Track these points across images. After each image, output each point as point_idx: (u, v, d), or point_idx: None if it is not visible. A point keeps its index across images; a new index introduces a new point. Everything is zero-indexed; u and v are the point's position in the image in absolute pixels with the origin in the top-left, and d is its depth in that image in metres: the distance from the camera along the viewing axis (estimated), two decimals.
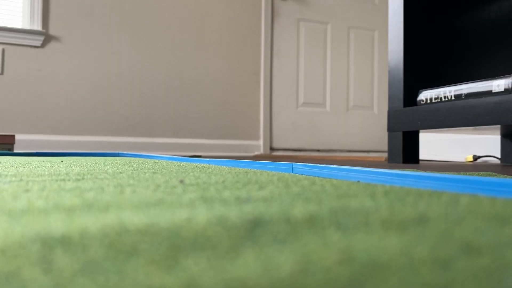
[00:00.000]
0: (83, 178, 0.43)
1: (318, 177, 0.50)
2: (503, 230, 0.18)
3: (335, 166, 0.50)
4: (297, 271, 0.12)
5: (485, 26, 1.38)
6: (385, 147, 2.80)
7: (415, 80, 1.27)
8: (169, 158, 1.03)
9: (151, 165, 0.74)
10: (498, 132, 1.32)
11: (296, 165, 0.57)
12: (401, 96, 1.26)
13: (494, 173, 0.61)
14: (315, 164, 0.53)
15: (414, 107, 1.19)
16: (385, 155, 2.72)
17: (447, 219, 0.21)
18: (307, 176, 0.51)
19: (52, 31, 2.11)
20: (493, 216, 0.21)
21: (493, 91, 1.00)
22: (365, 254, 0.14)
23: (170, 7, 2.33)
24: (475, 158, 1.59)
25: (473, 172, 0.64)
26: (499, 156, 1.62)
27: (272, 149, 2.53)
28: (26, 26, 2.08)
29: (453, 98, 1.10)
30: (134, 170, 0.57)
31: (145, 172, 0.53)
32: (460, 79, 1.33)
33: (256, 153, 2.50)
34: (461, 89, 1.08)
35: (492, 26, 1.38)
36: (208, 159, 0.83)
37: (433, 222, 0.20)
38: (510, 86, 0.96)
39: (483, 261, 0.13)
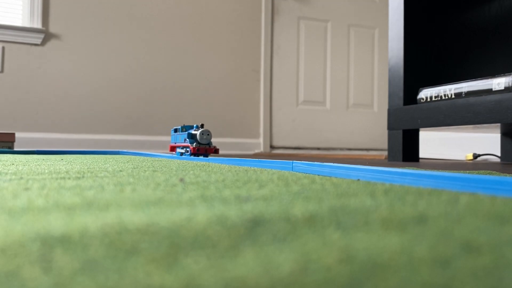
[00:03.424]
0: (83, 176, 0.43)
1: (318, 175, 0.50)
2: (503, 229, 0.18)
3: (335, 164, 0.50)
4: (297, 270, 0.12)
5: (486, 24, 1.38)
6: (385, 145, 2.80)
7: (415, 79, 1.27)
8: (169, 157, 1.03)
9: (151, 163, 0.74)
10: (498, 130, 1.32)
11: (296, 163, 0.57)
12: (401, 94, 1.26)
13: (494, 172, 0.61)
14: (315, 162, 0.53)
15: (414, 105, 1.19)
16: (385, 153, 2.72)
17: (447, 218, 0.21)
18: (307, 174, 0.51)
19: (52, 29, 2.11)
20: (493, 215, 0.21)
21: (493, 89, 1.00)
22: (365, 253, 0.14)
23: (170, 4, 2.33)
24: (475, 156, 1.59)
25: (473, 171, 0.64)
26: (499, 154, 1.62)
27: (272, 147, 2.53)
28: (26, 24, 2.08)
29: (453, 96, 1.10)
30: (134, 168, 0.57)
31: (145, 170, 0.53)
32: (460, 77, 1.33)
33: (256, 151, 2.50)
34: (461, 87, 1.08)
35: (493, 24, 1.38)
36: (208, 157, 0.83)
37: (432, 221, 0.20)
38: (510, 85, 0.96)
39: (483, 260, 0.13)
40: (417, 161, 1.25)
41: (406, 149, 1.25)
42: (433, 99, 1.15)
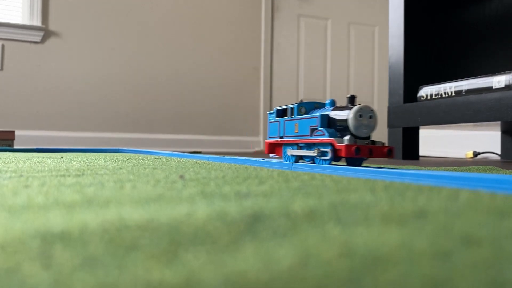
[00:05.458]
0: (83, 174, 0.43)
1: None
2: (502, 223, 0.18)
3: (334, 165, 0.50)
4: (297, 265, 0.12)
5: (486, 22, 1.37)
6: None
7: (415, 77, 1.27)
8: (169, 154, 1.03)
9: (151, 161, 0.74)
10: (498, 128, 1.32)
11: (296, 164, 0.57)
12: (401, 92, 1.26)
13: (493, 167, 0.61)
14: (315, 163, 0.53)
15: (414, 103, 1.19)
16: None
17: (447, 213, 0.21)
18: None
19: (51, 26, 2.11)
20: (493, 210, 0.21)
21: (493, 87, 1.00)
22: (365, 247, 0.14)
23: (170, 3, 2.32)
24: (475, 154, 1.59)
25: (473, 167, 0.64)
26: (499, 152, 1.62)
27: None
28: (26, 21, 2.08)
29: (453, 94, 1.10)
30: (134, 166, 0.57)
31: (145, 168, 0.53)
32: (460, 75, 1.33)
33: (256, 149, 2.49)
34: (462, 85, 1.08)
35: (493, 22, 1.38)
36: (207, 155, 0.83)
37: (433, 215, 0.20)
38: (511, 83, 0.96)
39: (482, 253, 0.13)
40: (417, 159, 1.25)
41: (406, 147, 1.25)
42: (433, 97, 1.15)
